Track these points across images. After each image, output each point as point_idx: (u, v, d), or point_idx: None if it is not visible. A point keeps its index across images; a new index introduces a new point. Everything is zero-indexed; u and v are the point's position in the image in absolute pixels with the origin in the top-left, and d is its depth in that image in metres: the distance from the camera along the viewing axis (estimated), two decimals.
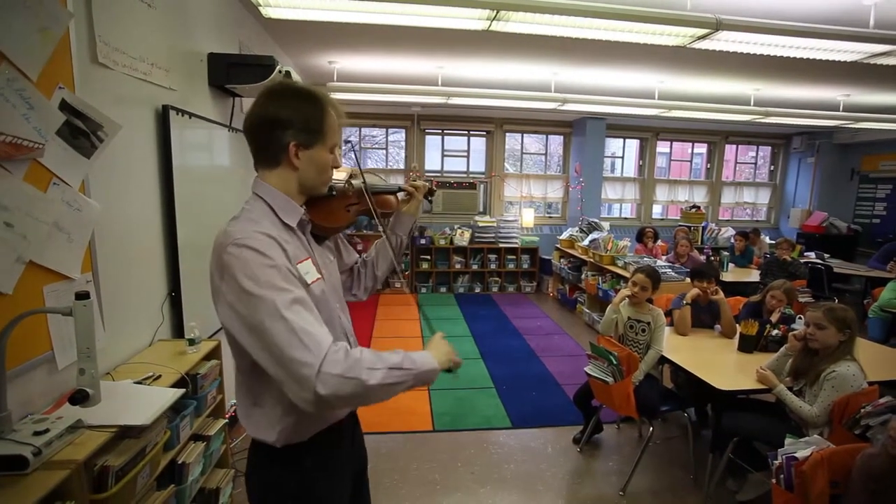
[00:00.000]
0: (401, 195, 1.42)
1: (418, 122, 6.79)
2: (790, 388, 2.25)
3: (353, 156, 7.11)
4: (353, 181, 1.27)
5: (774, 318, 2.92)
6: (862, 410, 1.92)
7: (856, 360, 2.14)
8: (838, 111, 5.69)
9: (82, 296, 1.10)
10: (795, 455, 1.55)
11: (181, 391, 1.56)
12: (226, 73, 2.55)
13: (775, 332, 2.77)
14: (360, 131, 7.07)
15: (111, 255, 1.72)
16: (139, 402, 1.43)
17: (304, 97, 1.02)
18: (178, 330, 2.19)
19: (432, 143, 7.08)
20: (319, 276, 1.06)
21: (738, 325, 2.94)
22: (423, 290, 6.71)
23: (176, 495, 1.67)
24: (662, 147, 7.86)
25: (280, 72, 2.88)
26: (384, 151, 7.24)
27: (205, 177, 2.59)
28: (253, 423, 1.06)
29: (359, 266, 1.38)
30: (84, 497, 1.15)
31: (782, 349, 2.37)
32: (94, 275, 1.59)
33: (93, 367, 1.13)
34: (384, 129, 7.08)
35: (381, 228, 1.34)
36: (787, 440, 1.68)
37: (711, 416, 2.80)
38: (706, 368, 2.45)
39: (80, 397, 1.11)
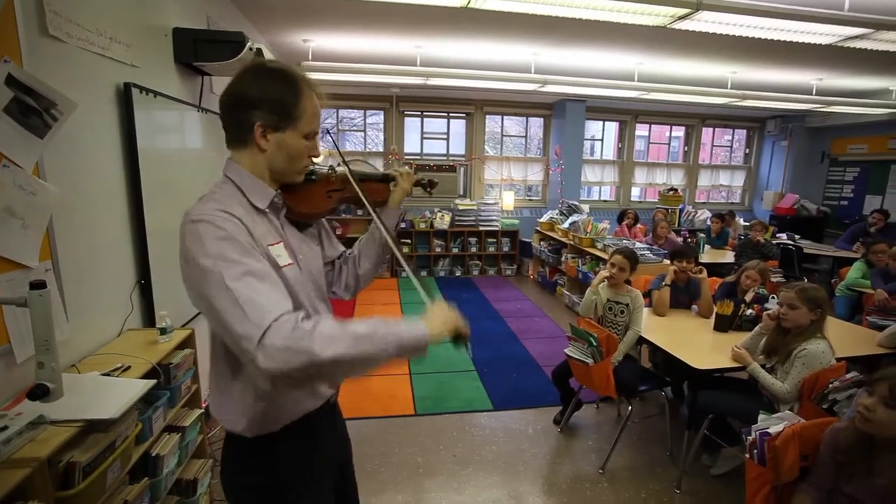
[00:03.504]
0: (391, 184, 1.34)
1: (397, 103, 6.66)
2: (763, 366, 2.30)
3: (329, 139, 6.98)
4: (338, 167, 1.21)
5: (749, 297, 2.98)
6: (830, 386, 1.98)
7: (826, 337, 2.20)
8: (811, 95, 5.79)
9: (37, 285, 1.03)
10: (769, 431, 1.59)
11: (152, 382, 1.50)
12: (193, 49, 2.43)
13: (749, 311, 2.83)
14: (337, 113, 6.90)
15: (73, 241, 1.63)
16: (107, 395, 1.37)
17: (279, 77, 0.96)
18: (149, 319, 2.11)
19: (411, 125, 6.97)
20: (292, 261, 1.01)
21: (714, 305, 3.00)
22: (404, 274, 6.66)
23: (150, 488, 1.62)
24: (641, 130, 7.91)
25: (251, 49, 2.76)
26: (362, 134, 7.10)
27: (175, 160, 2.47)
28: (223, 412, 1.03)
29: (341, 262, 1.30)
30: (49, 495, 1.10)
31: (756, 328, 2.42)
32: (55, 263, 1.51)
33: (53, 361, 1.07)
34: (362, 111, 6.93)
35: (374, 217, 1.18)
36: (761, 416, 1.72)
37: (688, 394, 2.86)
38: (683, 348, 2.49)
39: (39, 392, 1.05)
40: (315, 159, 1.08)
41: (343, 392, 1.24)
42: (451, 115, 6.99)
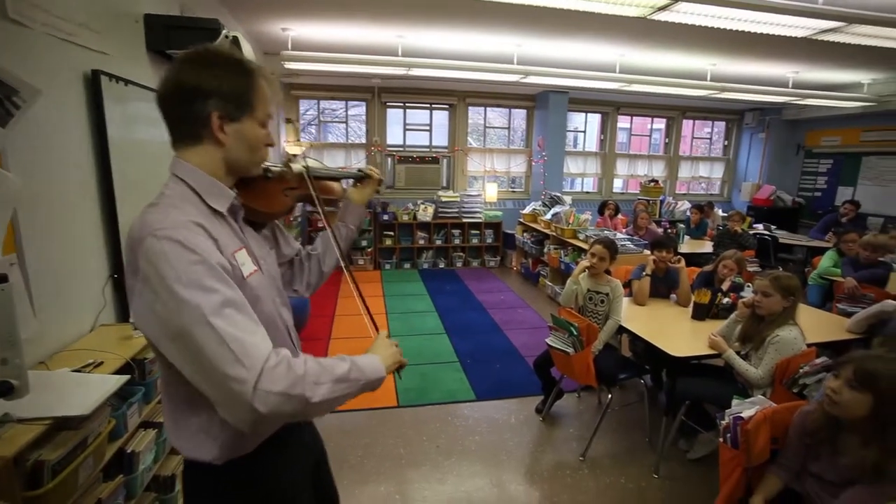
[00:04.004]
0: (346, 183, 1.31)
1: (379, 94, 6.59)
2: (738, 353, 2.36)
3: (311, 130, 6.88)
4: (293, 164, 1.15)
5: (725, 286, 3.05)
6: (800, 371, 2.04)
7: (797, 324, 2.26)
8: (788, 88, 5.89)
9: None
10: (741, 415, 1.63)
11: (125, 378, 1.47)
12: (165, 36, 2.36)
13: (726, 300, 2.89)
14: (318, 104, 6.81)
15: (41, 235, 1.58)
16: (78, 392, 1.34)
17: (230, 63, 0.89)
18: (122, 314, 2.06)
19: (394, 116, 6.91)
20: (256, 267, 0.95)
21: (692, 294, 3.05)
22: (387, 266, 6.65)
23: (126, 485, 1.59)
24: (623, 122, 7.97)
25: (227, 37, 2.70)
26: (344, 125, 7.01)
27: (149, 151, 2.40)
28: (186, 439, 0.92)
29: (301, 258, 1.25)
30: (16, 495, 1.08)
31: (732, 316, 2.48)
32: (20, 256, 1.46)
33: (17, 357, 1.04)
34: (344, 102, 6.84)
35: (323, 218, 1.19)
36: (734, 401, 1.76)
37: (666, 381, 2.91)
38: (661, 336, 2.53)
39: (3, 389, 1.02)
40: (291, 151, 1.06)
41: None
42: (433, 106, 6.95)
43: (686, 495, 2.34)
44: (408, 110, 6.92)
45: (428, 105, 6.93)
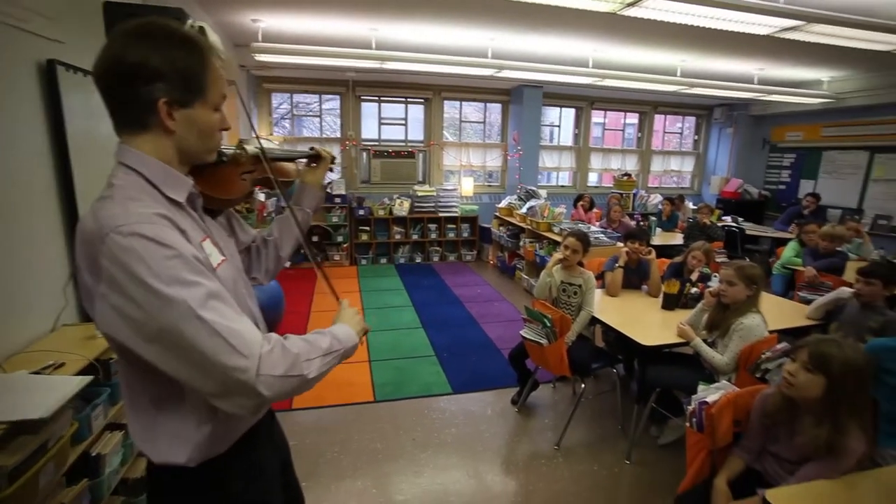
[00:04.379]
0: (301, 163, 1.27)
1: (353, 88, 6.52)
2: (705, 340, 2.43)
3: (285, 124, 6.76)
4: (247, 146, 1.10)
5: (694, 277, 3.13)
6: (762, 356, 2.12)
7: (760, 312, 2.35)
8: (753, 84, 6.07)
9: None
10: (706, 400, 1.69)
11: (88, 378, 1.43)
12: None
13: (694, 289, 2.97)
14: (291, 98, 6.68)
15: None
16: (36, 394, 1.30)
17: (178, 41, 0.80)
18: (85, 313, 2.00)
19: (369, 110, 6.84)
20: (223, 257, 0.91)
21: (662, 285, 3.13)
22: (364, 261, 6.60)
23: (91, 489, 1.55)
24: (598, 117, 8.08)
25: (192, 27, 2.61)
26: (318, 119, 6.91)
27: (112, 146, 2.32)
28: (156, 443, 0.86)
29: (258, 245, 1.21)
30: None
31: (699, 305, 2.55)
32: None
33: None
34: (318, 96, 6.74)
35: (282, 201, 1.17)
36: (700, 387, 1.82)
37: (637, 370, 2.98)
38: (633, 326, 2.59)
39: None
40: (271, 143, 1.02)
41: None
42: (408, 100, 6.90)
43: (657, 479, 2.41)
44: (383, 104, 6.86)
45: (403, 99, 6.89)
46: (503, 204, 6.34)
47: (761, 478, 1.61)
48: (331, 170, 1.38)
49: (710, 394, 1.74)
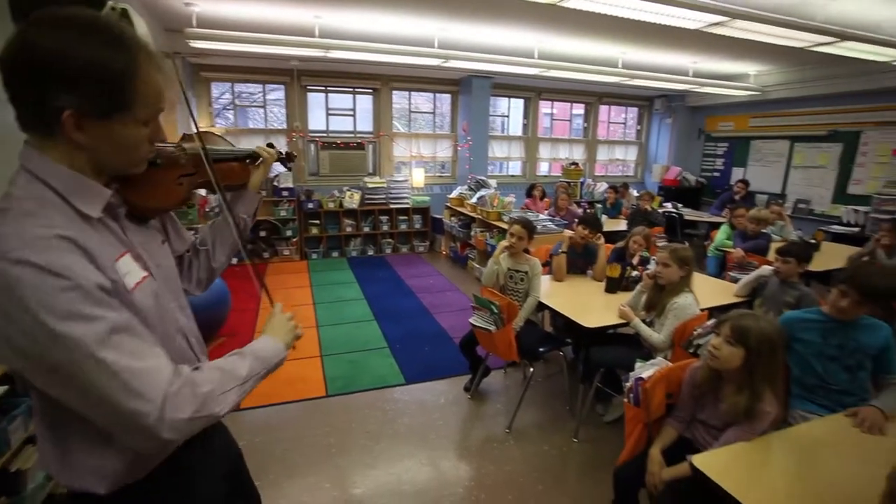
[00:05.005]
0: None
1: (298, 77, 6.32)
2: (644, 320, 2.56)
3: (227, 115, 6.48)
4: (187, 145, 1.00)
5: (635, 261, 3.28)
6: (694, 333, 2.25)
7: (692, 291, 2.49)
8: (688, 76, 6.38)
9: None
10: (642, 375, 1.78)
11: (2, 388, 1.33)
12: (34, 6, 2.09)
13: (635, 273, 3.11)
14: (232, 87, 6.40)
15: None
16: None
17: (102, 40, 0.68)
18: None
19: (315, 101, 6.66)
20: (145, 273, 0.81)
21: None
22: (314, 255, 6.46)
23: None
24: (548, 108, 8.25)
25: (113, 9, 2.44)
26: (262, 110, 6.66)
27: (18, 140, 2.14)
28: (67, 468, 0.79)
29: (190, 255, 1.11)
30: None
31: (638, 287, 2.68)
32: None
33: None
34: (261, 86, 6.48)
35: (224, 206, 1.05)
36: (637, 364, 1.92)
37: (581, 351, 3.10)
38: (578, 310, 2.69)
39: None
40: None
41: None
42: (357, 90, 6.77)
43: (602, 454, 2.52)
44: (330, 94, 6.69)
45: (351, 89, 6.75)
46: (454, 194, 6.38)
47: (691, 445, 1.72)
48: (287, 168, 1.32)
49: (646, 370, 1.83)
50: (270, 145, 1.25)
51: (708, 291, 2.99)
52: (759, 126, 7.39)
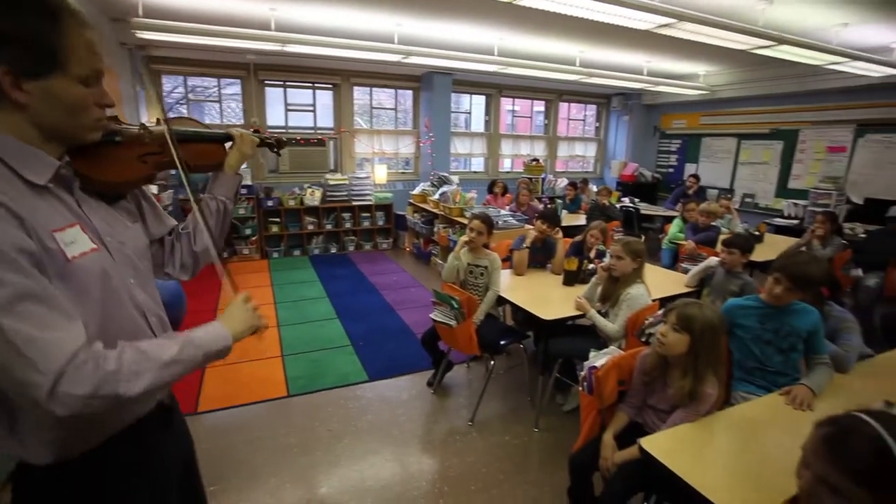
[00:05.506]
0: (228, 144, 1.19)
1: (255, 72, 6.15)
2: (599, 311, 2.64)
3: (181, 110, 6.23)
4: (151, 125, 1.02)
5: (592, 254, 3.38)
6: (646, 322, 2.35)
7: (644, 282, 2.60)
8: (643, 75, 6.60)
9: None
10: (595, 364, 1.84)
11: None
12: None
13: (591, 266, 3.21)
14: (185, 81, 6.16)
15: None
16: None
17: (29, 3, 0.72)
18: None
19: (274, 96, 6.50)
20: (95, 245, 0.82)
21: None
22: (275, 254, 6.32)
23: None
24: (511, 104, 8.35)
25: None
26: (218, 105, 6.44)
27: None
28: (10, 445, 0.81)
29: (172, 239, 1.13)
30: None
31: (593, 279, 2.76)
32: None
33: None
34: (216, 80, 6.27)
35: (187, 189, 1.04)
36: (591, 354, 1.99)
37: (540, 343, 3.18)
38: (536, 303, 2.75)
39: None
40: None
41: (209, 383, 1.10)
42: (316, 85, 6.66)
43: (562, 443, 2.59)
44: (288, 90, 6.55)
45: (310, 84, 6.63)
46: (417, 191, 6.38)
47: (642, 429, 1.80)
48: (277, 153, 1.34)
49: (599, 359, 1.90)
50: (256, 131, 1.25)
51: (660, 282, 3.12)
52: (709, 124, 7.74)
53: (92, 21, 0.81)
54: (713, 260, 3.09)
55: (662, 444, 1.47)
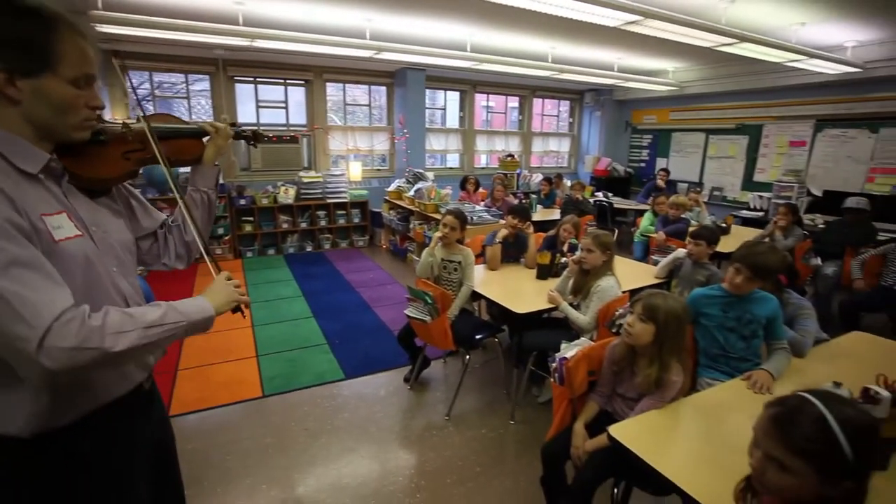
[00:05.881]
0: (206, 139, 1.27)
1: (224, 67, 6.02)
2: (572, 304, 2.69)
3: (148, 107, 6.05)
4: (132, 123, 1.08)
5: (565, 248, 3.43)
6: (616, 313, 2.40)
7: (614, 274, 2.65)
8: (614, 71, 6.71)
9: None
10: (566, 356, 1.88)
11: None
12: None
13: (564, 259, 3.26)
14: (151, 77, 5.98)
15: None
16: None
17: (20, 9, 0.81)
18: None
19: (245, 92, 6.37)
20: (80, 233, 0.90)
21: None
22: (249, 254, 6.22)
23: None
24: (486, 101, 8.38)
25: None
26: (186, 101, 6.28)
27: None
28: None
29: (165, 232, 1.22)
30: None
31: (565, 272, 2.81)
32: None
33: None
34: (184, 76, 6.11)
35: (170, 183, 1.13)
36: (562, 345, 2.03)
37: (514, 336, 3.22)
38: (510, 297, 2.78)
39: None
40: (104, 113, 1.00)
41: (182, 385, 1.12)
42: (288, 82, 6.55)
43: (537, 433, 2.64)
44: (259, 86, 6.43)
45: (282, 80, 6.52)
46: (392, 187, 6.35)
47: (612, 417, 1.85)
48: (253, 145, 1.44)
49: (569, 350, 1.94)
50: (233, 124, 1.31)
51: (630, 274, 3.19)
52: (679, 119, 7.92)
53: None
54: (681, 252, 3.18)
55: (630, 431, 1.51)
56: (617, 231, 7.02)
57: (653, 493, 1.65)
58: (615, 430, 1.51)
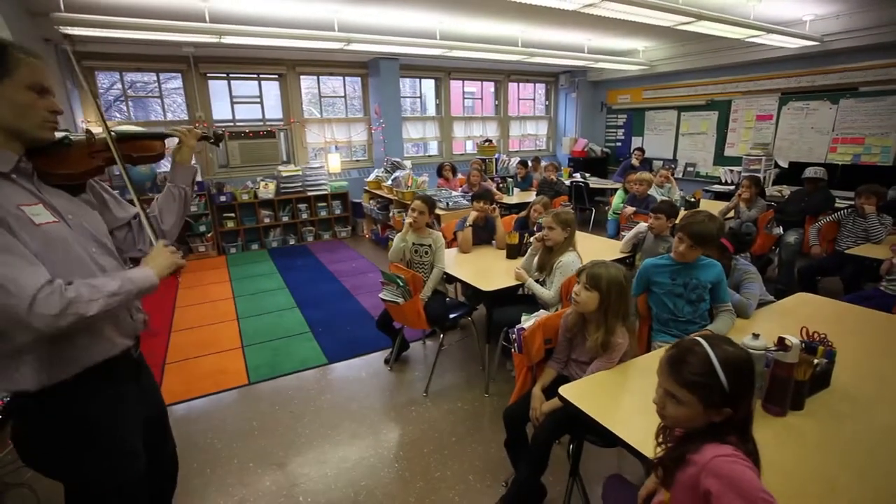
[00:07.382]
0: (171, 142, 1.42)
1: (195, 65, 6.00)
2: (538, 280, 2.83)
3: (121, 106, 6.03)
4: (96, 132, 1.23)
5: (535, 228, 3.56)
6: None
7: (576, 250, 2.79)
8: (584, 53, 6.80)
9: None
10: (524, 326, 2.02)
11: None
12: None
13: (532, 239, 3.39)
14: (122, 76, 5.95)
15: None
16: None
17: None
18: None
19: (218, 88, 6.36)
20: (56, 219, 1.06)
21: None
22: (232, 250, 6.28)
23: None
24: (468, 87, 8.42)
25: None
26: (160, 100, 6.26)
27: None
28: (8, 369, 1.04)
29: (139, 221, 1.36)
30: None
31: (529, 250, 2.94)
32: None
33: None
34: (155, 74, 6.08)
35: (125, 178, 1.31)
36: (523, 317, 2.16)
37: (485, 313, 3.35)
38: (480, 277, 2.91)
39: None
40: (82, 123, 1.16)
41: (171, 378, 1.25)
42: (261, 76, 6.55)
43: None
44: (233, 81, 6.42)
45: (255, 75, 6.51)
46: (371, 178, 6.43)
47: (568, 381, 1.98)
48: (216, 145, 1.64)
49: (528, 321, 2.07)
50: (204, 137, 1.49)
51: (598, 249, 3.34)
52: (652, 98, 8.05)
53: (11, 17, 1.02)
54: (642, 226, 3.32)
55: (580, 391, 1.65)
56: (594, 210, 7.21)
57: (602, 445, 1.80)
58: (565, 390, 1.65)
